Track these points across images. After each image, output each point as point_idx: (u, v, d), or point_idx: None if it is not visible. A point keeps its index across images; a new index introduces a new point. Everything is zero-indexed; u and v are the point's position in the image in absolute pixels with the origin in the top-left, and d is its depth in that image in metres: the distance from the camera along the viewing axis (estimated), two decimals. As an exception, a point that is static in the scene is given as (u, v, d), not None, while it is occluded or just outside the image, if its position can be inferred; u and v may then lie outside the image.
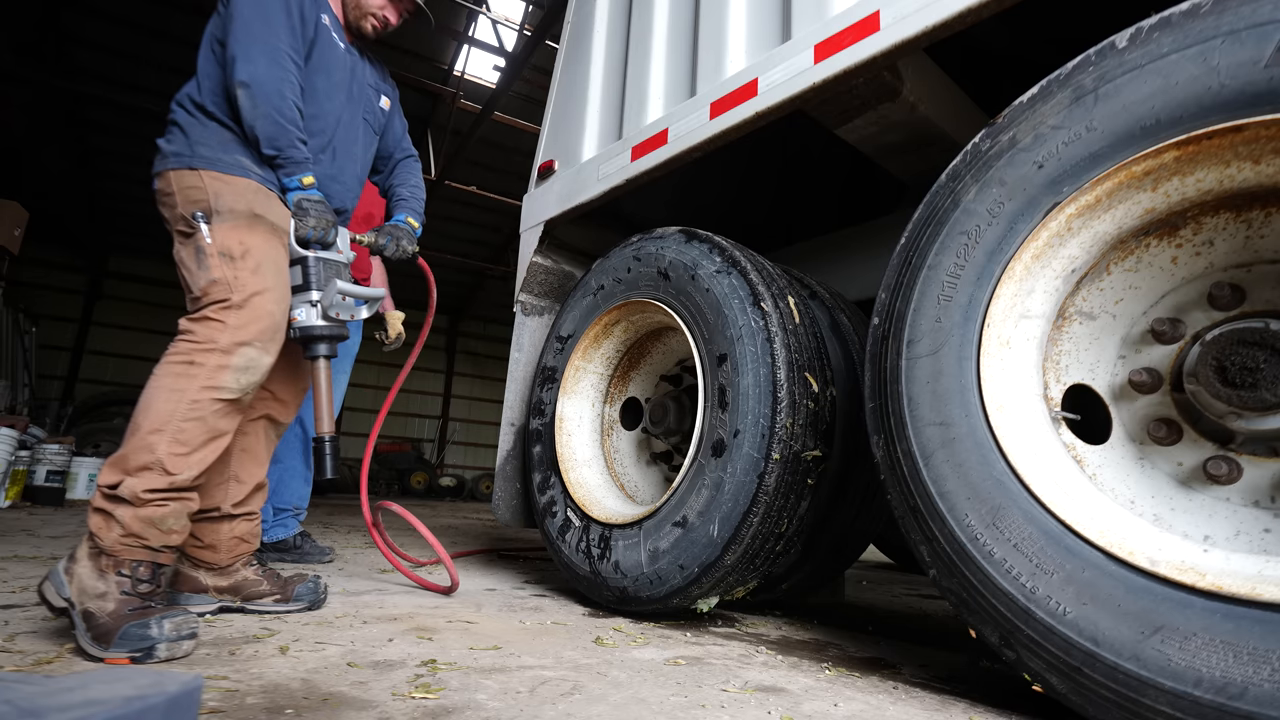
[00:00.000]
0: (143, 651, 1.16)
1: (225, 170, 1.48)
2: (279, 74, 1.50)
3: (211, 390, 1.38)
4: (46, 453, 5.32)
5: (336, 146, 1.74)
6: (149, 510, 1.31)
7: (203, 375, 1.37)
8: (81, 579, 1.27)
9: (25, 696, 0.56)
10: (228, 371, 1.39)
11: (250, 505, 1.68)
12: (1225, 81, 0.94)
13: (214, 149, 1.49)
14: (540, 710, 1.00)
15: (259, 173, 1.52)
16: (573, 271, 2.68)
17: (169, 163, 1.49)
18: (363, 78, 1.84)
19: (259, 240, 1.48)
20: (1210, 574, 0.91)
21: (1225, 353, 1.01)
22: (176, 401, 1.35)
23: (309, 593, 1.64)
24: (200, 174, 1.47)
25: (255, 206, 1.49)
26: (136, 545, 1.31)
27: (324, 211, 1.58)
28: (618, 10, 2.54)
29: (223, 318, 1.41)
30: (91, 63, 8.81)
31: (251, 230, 1.47)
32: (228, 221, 1.45)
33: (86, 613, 1.23)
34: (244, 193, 1.48)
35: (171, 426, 1.34)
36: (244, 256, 1.45)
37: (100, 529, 1.30)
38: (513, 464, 2.44)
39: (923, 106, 1.65)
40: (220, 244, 1.44)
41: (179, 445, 1.34)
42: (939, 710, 1.13)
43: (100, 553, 1.29)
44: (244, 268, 1.44)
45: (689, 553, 1.60)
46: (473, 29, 9.31)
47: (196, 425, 1.36)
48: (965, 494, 1.13)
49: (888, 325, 1.31)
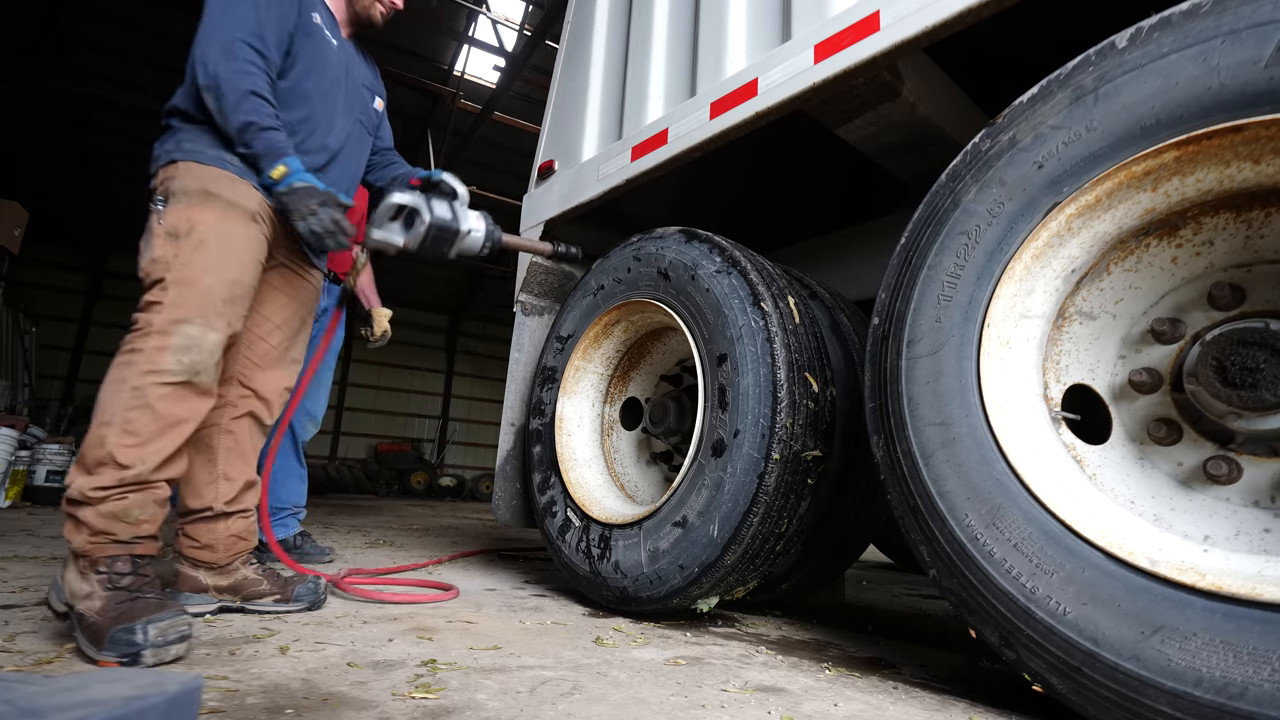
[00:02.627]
0: (129, 658, 1.15)
1: (202, 161, 1.47)
2: (235, 66, 1.44)
3: (152, 375, 1.33)
4: (46, 453, 5.32)
5: (335, 151, 1.71)
6: (109, 505, 1.29)
7: (142, 360, 1.33)
8: (70, 583, 1.28)
9: (25, 696, 0.56)
10: (167, 353, 1.35)
11: (243, 503, 1.67)
12: (1225, 81, 0.94)
13: (198, 143, 1.49)
14: (540, 710, 1.00)
15: (236, 165, 1.50)
16: (573, 271, 2.68)
17: (159, 161, 1.50)
18: (357, 77, 1.81)
19: (209, 217, 1.44)
20: (1210, 574, 0.90)
21: (1225, 353, 1.01)
22: (119, 391, 1.32)
23: (309, 593, 1.64)
24: (177, 165, 1.47)
25: (210, 186, 1.45)
26: (106, 541, 1.29)
27: (305, 197, 1.47)
28: (618, 10, 2.54)
29: (159, 298, 1.38)
30: (91, 63, 8.82)
31: (203, 208, 1.44)
32: (180, 203, 1.44)
33: (79, 615, 1.23)
34: (203, 175, 1.46)
35: (118, 418, 1.30)
36: (189, 234, 1.41)
37: (70, 533, 1.29)
38: (513, 464, 2.44)
39: (923, 106, 1.65)
40: (169, 224, 1.42)
41: (128, 436, 1.30)
42: (939, 710, 1.13)
43: (76, 556, 1.29)
44: (186, 244, 1.41)
45: (689, 553, 1.60)
46: (473, 29, 9.31)
47: (143, 413, 1.32)
48: (965, 494, 1.13)
49: (888, 325, 1.31)
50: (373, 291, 3.04)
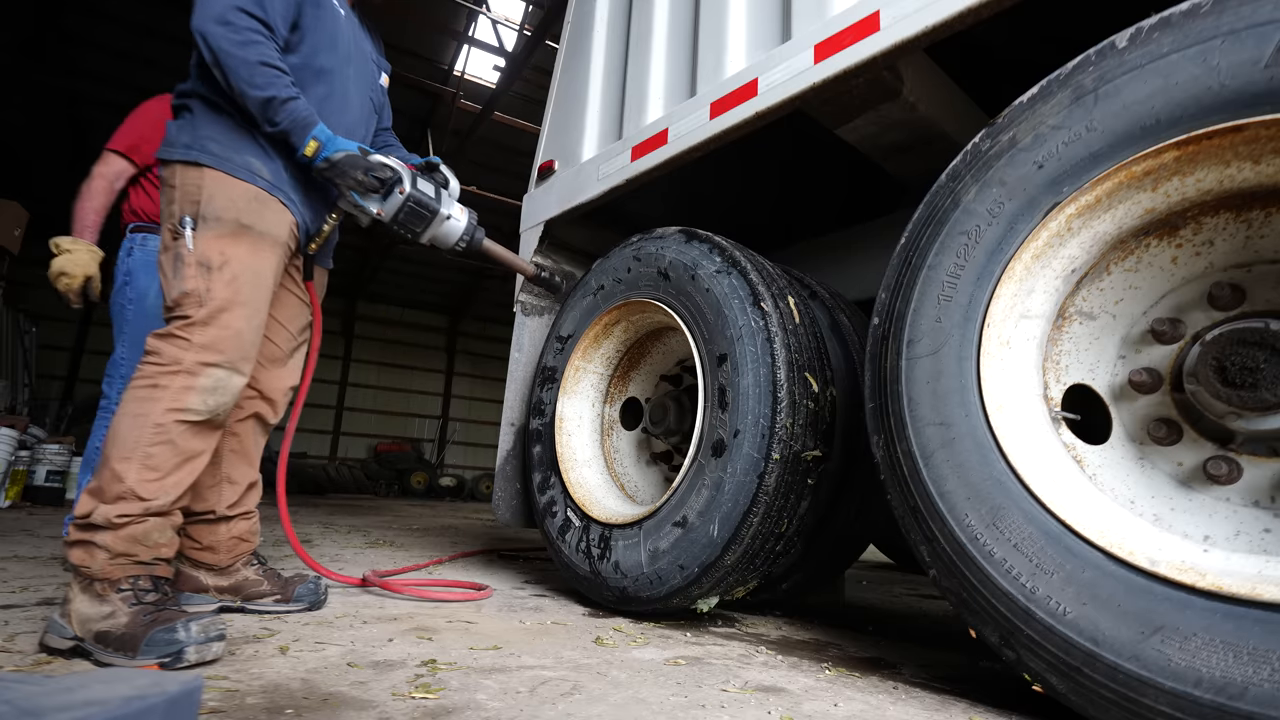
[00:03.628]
0: (171, 656, 1.13)
1: (230, 171, 1.42)
2: (237, 37, 1.37)
3: (177, 413, 1.32)
4: (46, 453, 5.33)
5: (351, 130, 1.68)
6: (129, 530, 1.27)
7: (166, 398, 1.31)
8: (81, 611, 1.21)
9: (25, 696, 0.56)
10: (193, 393, 1.33)
11: (246, 505, 1.68)
12: (1225, 81, 0.94)
13: (224, 146, 1.43)
14: (540, 710, 1.00)
15: (266, 178, 1.46)
16: (573, 271, 2.68)
17: (175, 152, 1.43)
18: (365, 51, 1.75)
19: (242, 251, 1.41)
20: (1210, 574, 0.91)
21: (1225, 353, 1.01)
22: (141, 427, 1.29)
23: (309, 593, 1.64)
24: (204, 172, 1.41)
25: (244, 216, 1.42)
26: (127, 562, 1.27)
27: (348, 168, 1.49)
28: (618, 10, 2.54)
29: (189, 335, 1.35)
30: (91, 62, 8.81)
31: (236, 240, 1.41)
32: (213, 230, 1.39)
33: (100, 634, 1.18)
34: (237, 199, 1.42)
35: (139, 453, 1.28)
36: (222, 268, 1.38)
37: (84, 560, 1.25)
38: (513, 464, 2.44)
39: (923, 106, 1.65)
40: (200, 253, 1.38)
41: (149, 471, 1.29)
42: (939, 710, 1.13)
43: (92, 581, 1.24)
44: (219, 279, 1.38)
45: (689, 553, 1.60)
46: (473, 29, 9.31)
47: (165, 449, 1.31)
48: (965, 494, 1.13)
49: (888, 325, 1.31)
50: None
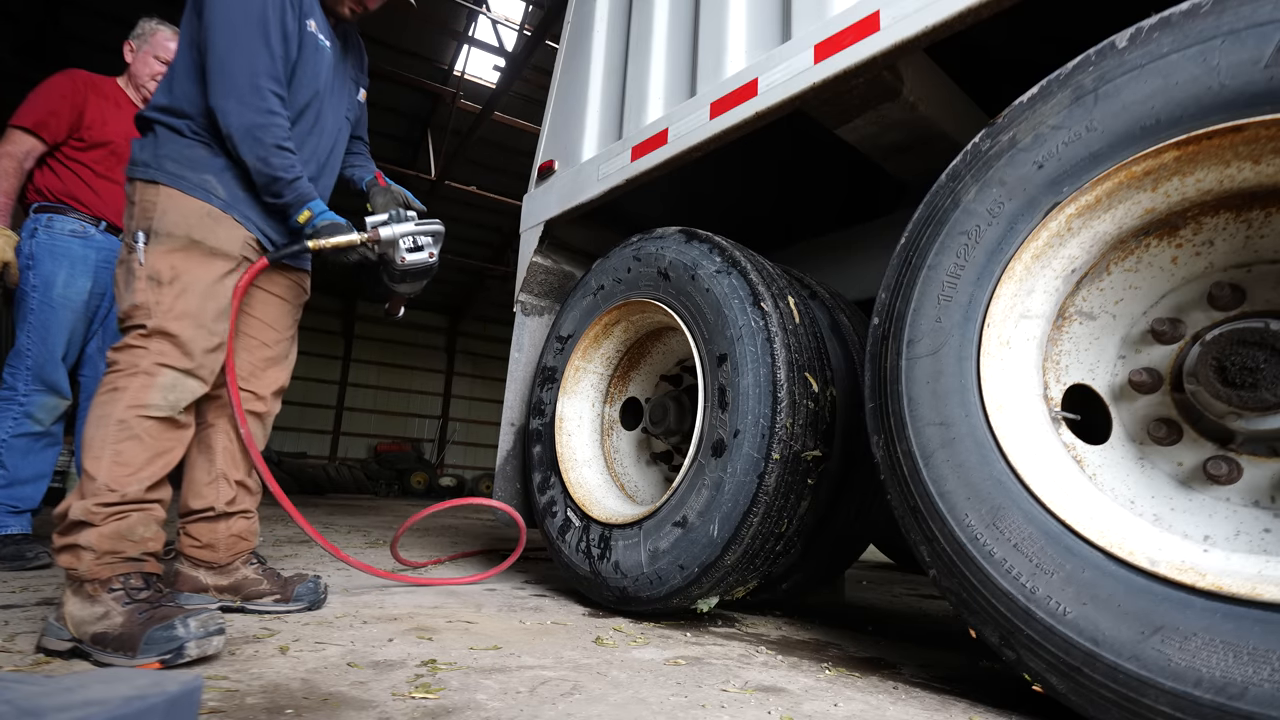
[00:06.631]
0: (172, 653, 1.13)
1: (185, 189, 1.44)
2: (258, 120, 1.44)
3: (139, 409, 1.33)
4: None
5: (324, 158, 1.73)
6: (111, 525, 1.28)
7: (127, 396, 1.33)
8: (74, 614, 1.22)
9: (25, 696, 0.56)
10: (153, 389, 1.35)
11: (244, 503, 1.68)
12: (1225, 81, 0.94)
13: (180, 165, 1.45)
14: (540, 710, 1.00)
15: (221, 196, 1.48)
16: (573, 271, 2.68)
17: (136, 171, 1.46)
18: (344, 73, 1.79)
19: (192, 265, 1.43)
20: (1210, 574, 0.91)
21: (1225, 353, 1.01)
22: (106, 426, 1.31)
23: (309, 593, 1.64)
24: (160, 189, 1.43)
25: (194, 231, 1.44)
26: (115, 560, 1.27)
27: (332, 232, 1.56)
28: (618, 10, 2.54)
29: (144, 344, 1.37)
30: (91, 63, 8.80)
31: (187, 255, 1.43)
32: (164, 245, 1.41)
33: (96, 636, 1.18)
34: (189, 215, 1.44)
35: (108, 450, 1.30)
36: (172, 282, 1.40)
37: (72, 562, 1.26)
38: (513, 464, 2.44)
39: (923, 106, 1.65)
40: (151, 267, 1.40)
41: (120, 466, 1.30)
42: (939, 710, 1.13)
43: (82, 583, 1.25)
44: (168, 292, 1.40)
45: (689, 553, 1.60)
46: (473, 29, 9.32)
47: (133, 445, 1.32)
48: (965, 494, 1.13)
49: (888, 325, 1.31)
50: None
